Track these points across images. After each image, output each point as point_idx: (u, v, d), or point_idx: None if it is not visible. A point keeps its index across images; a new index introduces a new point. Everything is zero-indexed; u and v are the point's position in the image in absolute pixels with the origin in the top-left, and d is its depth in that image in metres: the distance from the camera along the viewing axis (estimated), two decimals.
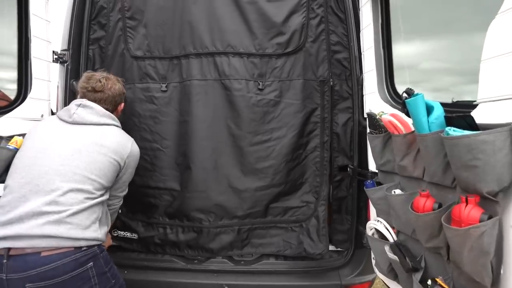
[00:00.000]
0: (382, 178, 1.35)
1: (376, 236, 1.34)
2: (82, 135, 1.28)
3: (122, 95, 1.50)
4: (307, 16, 1.76)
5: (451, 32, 1.32)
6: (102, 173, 1.24)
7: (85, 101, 1.35)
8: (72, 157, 1.20)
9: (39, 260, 1.01)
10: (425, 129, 0.94)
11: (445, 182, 0.94)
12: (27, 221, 1.06)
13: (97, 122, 1.33)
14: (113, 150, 1.29)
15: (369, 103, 1.51)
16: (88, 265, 1.09)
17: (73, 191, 1.15)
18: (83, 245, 1.09)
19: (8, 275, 1.00)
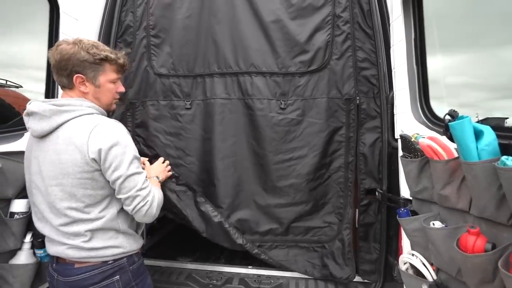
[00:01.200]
0: (418, 207, 1.22)
1: (410, 272, 1.19)
2: (46, 156, 1.09)
3: (71, 60, 1.07)
4: (332, 33, 1.71)
5: (477, 46, 1.26)
6: (79, 195, 1.08)
7: (31, 105, 1.09)
8: (49, 190, 1.09)
9: (73, 271, 1.11)
10: (473, 156, 0.83)
11: (499, 218, 0.81)
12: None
13: (51, 128, 1.07)
14: (72, 161, 1.05)
15: (401, 123, 1.40)
16: (114, 278, 1.13)
17: (69, 224, 1.10)
18: (109, 260, 1.13)
19: (57, 276, 1.14)
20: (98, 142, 1.04)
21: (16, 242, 1.29)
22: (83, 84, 1.12)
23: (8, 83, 1.48)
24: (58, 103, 1.09)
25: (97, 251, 1.11)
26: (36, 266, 1.33)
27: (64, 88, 1.15)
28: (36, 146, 1.12)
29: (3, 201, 1.27)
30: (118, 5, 1.89)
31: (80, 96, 1.13)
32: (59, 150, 1.06)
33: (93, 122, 1.07)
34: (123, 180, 1.07)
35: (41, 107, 1.06)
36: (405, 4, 1.32)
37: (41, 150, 1.10)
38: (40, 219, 1.15)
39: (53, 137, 1.08)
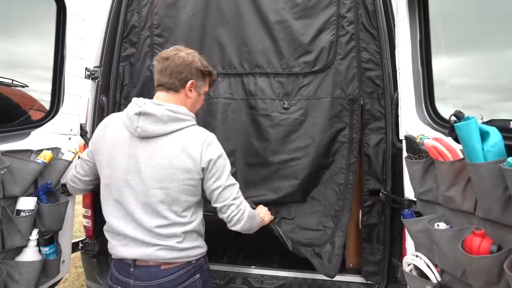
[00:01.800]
0: (422, 208, 1.22)
1: (414, 273, 1.19)
2: (152, 158, 1.10)
3: (190, 67, 1.16)
4: (336, 33, 1.71)
5: (480, 47, 1.25)
6: (181, 200, 1.12)
7: (146, 105, 1.11)
8: (150, 192, 1.11)
9: (160, 272, 1.11)
10: (479, 157, 0.82)
11: (505, 220, 0.81)
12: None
13: (164, 132, 1.10)
14: (183, 168, 1.10)
15: (406, 124, 1.40)
16: (196, 277, 1.17)
17: (167, 226, 1.13)
18: (193, 260, 1.17)
19: (134, 281, 1.12)
20: (210, 153, 1.11)
21: (22, 239, 1.30)
22: (191, 89, 1.19)
23: (14, 83, 1.50)
24: (173, 109, 1.12)
25: (186, 251, 1.14)
26: (41, 264, 1.34)
27: (168, 90, 1.17)
28: (135, 145, 1.11)
29: (9, 198, 1.28)
30: (124, 5, 1.90)
31: (182, 100, 1.19)
32: (171, 156, 1.09)
33: (203, 134, 1.15)
34: (222, 189, 1.14)
35: (159, 111, 1.09)
36: (410, 5, 1.32)
37: (144, 151, 1.11)
38: (124, 217, 1.13)
39: (162, 141, 1.10)
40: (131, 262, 1.13)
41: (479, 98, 1.41)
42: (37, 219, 1.37)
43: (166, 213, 1.11)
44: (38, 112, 1.56)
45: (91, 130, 1.85)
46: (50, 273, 1.43)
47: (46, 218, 1.39)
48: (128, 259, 1.13)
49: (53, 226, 1.42)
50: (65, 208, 1.48)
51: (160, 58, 1.18)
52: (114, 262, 1.20)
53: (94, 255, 1.82)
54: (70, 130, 1.60)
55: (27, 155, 1.35)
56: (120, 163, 1.12)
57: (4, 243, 1.25)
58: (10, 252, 1.29)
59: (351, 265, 1.84)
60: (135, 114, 1.10)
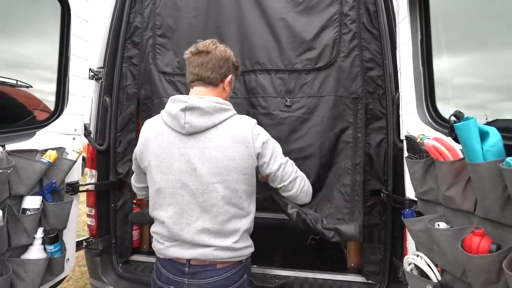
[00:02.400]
0: (423, 208, 1.22)
1: (415, 273, 1.19)
2: (205, 153, 1.09)
3: (229, 62, 1.18)
4: (339, 31, 1.69)
5: (484, 46, 1.23)
6: (240, 191, 1.14)
7: (191, 99, 1.09)
8: (210, 187, 1.11)
9: (215, 271, 1.12)
10: (479, 157, 0.83)
11: (505, 219, 0.81)
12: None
13: (212, 124, 1.10)
14: (240, 158, 1.10)
15: (407, 124, 1.40)
16: (244, 277, 1.19)
17: (226, 221, 1.14)
18: (243, 259, 1.19)
19: (189, 280, 1.12)
20: (260, 137, 1.13)
21: (28, 238, 1.32)
22: (229, 84, 1.21)
23: (18, 83, 1.52)
24: (217, 100, 1.11)
25: (240, 250, 1.15)
26: (47, 262, 1.37)
27: (207, 84, 1.15)
28: (183, 143, 1.10)
29: (15, 197, 1.30)
30: (127, 6, 1.92)
31: (219, 94, 1.18)
32: (224, 147, 1.08)
33: (248, 120, 1.17)
34: (284, 166, 1.19)
35: (205, 103, 1.08)
36: (411, 6, 1.32)
37: (195, 147, 1.09)
38: (180, 220, 1.12)
39: (212, 134, 1.09)
40: (185, 262, 1.12)
41: (483, 98, 1.40)
42: (42, 218, 1.39)
43: (226, 207, 1.10)
44: (42, 112, 1.58)
45: (95, 130, 1.87)
46: (55, 271, 1.45)
47: (51, 217, 1.41)
48: (182, 259, 1.13)
49: (58, 225, 1.45)
50: (69, 207, 1.50)
51: (198, 51, 1.14)
52: (162, 262, 1.18)
53: (98, 254, 1.85)
54: (74, 130, 1.63)
55: (32, 154, 1.38)
56: (171, 165, 1.11)
57: (10, 241, 1.27)
58: (16, 250, 1.32)
59: (352, 264, 1.85)
60: (180, 110, 1.08)
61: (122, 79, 1.95)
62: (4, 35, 1.47)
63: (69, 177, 1.54)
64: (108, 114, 1.89)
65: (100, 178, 1.88)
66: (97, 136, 1.87)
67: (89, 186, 1.81)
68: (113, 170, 1.91)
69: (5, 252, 1.24)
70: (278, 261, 2.03)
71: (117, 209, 1.93)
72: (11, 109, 1.51)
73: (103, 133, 1.89)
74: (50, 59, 1.57)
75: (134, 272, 1.88)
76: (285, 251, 2.23)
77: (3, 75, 1.42)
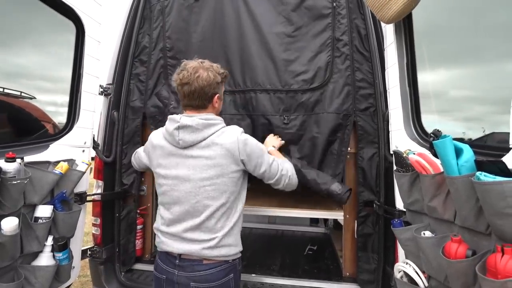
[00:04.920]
0: (411, 218, 1.31)
1: (405, 280, 1.27)
2: (198, 162, 1.27)
3: (212, 84, 1.30)
4: (332, 54, 1.84)
5: (479, 59, 1.31)
6: (228, 192, 1.29)
7: (182, 119, 1.27)
8: (201, 190, 1.28)
9: (201, 266, 1.26)
10: (454, 171, 0.93)
11: (479, 228, 0.90)
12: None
13: (202, 138, 1.27)
14: (226, 163, 1.27)
15: (395, 140, 1.51)
16: (230, 276, 1.30)
17: (210, 219, 1.28)
18: (229, 259, 1.30)
19: (179, 272, 1.27)
20: (246, 146, 1.28)
21: (39, 245, 1.40)
22: (217, 101, 1.35)
23: (22, 94, 1.60)
24: (204, 117, 1.29)
25: (225, 249, 1.27)
26: (55, 268, 1.43)
27: (198, 109, 1.32)
28: (180, 154, 1.29)
29: (29, 206, 1.38)
30: (136, 27, 2.06)
31: (209, 111, 1.34)
32: (214, 155, 1.26)
33: (234, 131, 1.31)
34: (269, 169, 1.34)
35: (194, 121, 1.26)
36: (397, 32, 1.45)
37: (189, 157, 1.28)
38: (176, 218, 1.29)
39: (202, 146, 1.27)
40: (176, 256, 1.28)
41: (480, 111, 1.47)
42: (52, 226, 1.46)
43: (215, 207, 1.26)
44: (50, 124, 1.68)
45: (103, 142, 1.97)
46: (62, 278, 1.51)
47: (60, 225, 1.49)
48: (174, 253, 1.29)
49: (67, 233, 1.52)
50: (77, 216, 1.58)
51: (182, 83, 1.29)
52: (159, 254, 1.36)
53: (102, 262, 1.90)
54: (84, 143, 1.72)
55: (45, 166, 1.47)
56: (170, 172, 1.31)
57: (23, 248, 1.34)
58: (27, 257, 1.39)
59: (348, 273, 1.91)
60: (174, 129, 1.28)
61: (129, 94, 2.07)
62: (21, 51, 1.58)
63: (77, 187, 1.62)
64: (115, 127, 2.00)
65: (106, 188, 1.96)
66: (104, 148, 1.97)
67: (95, 196, 1.89)
68: (119, 181, 2.00)
69: (18, 259, 1.31)
70: (276, 270, 2.09)
71: (122, 219, 2.00)
72: (27, 123, 1.61)
73: (110, 146, 1.99)
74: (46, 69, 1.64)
75: (137, 280, 1.93)
76: (283, 260, 2.29)
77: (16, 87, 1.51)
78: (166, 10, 2.07)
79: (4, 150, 1.28)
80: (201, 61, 1.33)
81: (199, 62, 1.32)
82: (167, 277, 1.29)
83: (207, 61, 1.35)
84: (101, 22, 1.76)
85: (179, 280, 1.26)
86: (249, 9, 1.93)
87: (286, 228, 3.16)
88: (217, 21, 1.98)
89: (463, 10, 1.30)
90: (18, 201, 1.27)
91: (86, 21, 1.67)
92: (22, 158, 1.29)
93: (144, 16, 2.11)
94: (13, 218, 1.20)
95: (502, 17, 1.13)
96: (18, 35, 1.55)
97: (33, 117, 1.62)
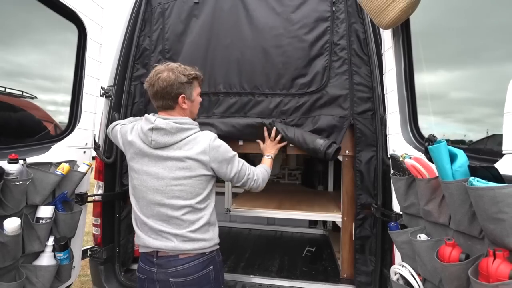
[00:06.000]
0: (407, 221, 1.33)
1: (401, 282, 1.28)
2: (167, 162, 1.32)
3: (174, 84, 1.31)
4: (329, 59, 1.86)
5: (479, 61, 1.32)
6: (195, 193, 1.32)
7: (157, 121, 1.30)
8: (168, 189, 1.32)
9: (178, 261, 1.30)
10: (449, 176, 0.94)
11: (472, 232, 0.92)
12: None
13: (174, 141, 1.31)
14: (196, 167, 1.31)
15: (393, 143, 1.52)
16: (209, 268, 1.33)
17: (183, 215, 1.32)
18: (206, 251, 1.33)
19: (157, 270, 1.31)
20: (216, 152, 1.33)
21: (40, 245, 1.41)
22: (184, 102, 1.36)
23: (24, 94, 1.61)
24: (178, 121, 1.32)
25: (199, 242, 1.30)
26: (56, 268, 1.45)
27: (166, 110, 1.36)
28: (152, 152, 1.33)
29: (31, 207, 1.40)
30: (137, 30, 2.08)
31: (180, 113, 1.38)
32: (183, 158, 1.30)
33: (207, 137, 1.34)
34: (237, 175, 1.40)
35: (168, 125, 1.29)
36: (395, 37, 1.47)
37: (160, 157, 1.32)
38: (147, 213, 1.34)
39: (174, 148, 1.31)
40: (154, 254, 1.33)
41: (481, 112, 1.48)
42: (53, 227, 1.48)
43: (181, 205, 1.30)
44: (52, 125, 1.69)
45: (103, 143, 1.99)
46: (63, 277, 1.53)
47: (61, 226, 1.50)
48: (152, 252, 1.34)
49: (67, 233, 1.54)
50: (78, 217, 1.60)
51: (148, 86, 1.35)
52: (140, 256, 1.41)
53: (102, 262, 1.92)
54: (85, 144, 1.74)
55: (47, 167, 1.48)
56: (141, 168, 1.35)
57: (25, 248, 1.36)
58: (28, 257, 1.40)
59: (345, 275, 1.93)
60: (148, 130, 1.31)
61: (130, 96, 2.09)
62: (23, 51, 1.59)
63: (78, 188, 1.64)
64: None
65: (106, 189, 1.98)
66: (105, 149, 1.99)
67: (96, 197, 1.91)
68: (119, 182, 2.02)
69: (20, 258, 1.33)
70: (274, 272, 2.11)
71: (122, 219, 2.02)
72: (29, 124, 1.63)
73: (111, 147, 2.01)
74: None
75: (136, 280, 1.94)
76: (281, 262, 2.31)
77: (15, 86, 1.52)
78: (166, 13, 2.09)
79: (6, 151, 1.30)
80: (167, 64, 1.37)
81: (165, 65, 1.36)
82: (147, 276, 1.34)
83: (178, 64, 1.38)
84: (103, 24, 1.78)
85: (159, 277, 1.30)
86: (248, 12, 1.95)
87: (284, 230, 3.18)
88: (215, 24, 2.00)
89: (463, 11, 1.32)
90: (21, 202, 1.29)
91: (88, 24, 1.69)
92: (25, 160, 1.31)
93: (145, 19, 2.13)
94: (15, 219, 1.22)
95: (502, 18, 1.14)
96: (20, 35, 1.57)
97: (35, 118, 1.64)
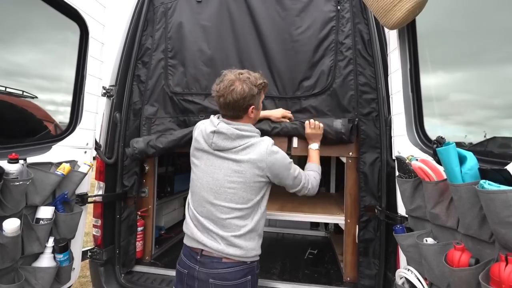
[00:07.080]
0: (413, 224, 1.30)
1: (406, 286, 1.26)
2: (224, 164, 1.34)
3: (247, 97, 1.33)
4: (335, 59, 1.84)
5: (480, 63, 1.30)
6: (246, 198, 1.33)
7: (219, 125, 1.33)
8: (221, 190, 1.33)
9: (220, 264, 1.30)
10: (458, 179, 0.92)
11: (482, 236, 0.90)
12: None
13: (233, 147, 1.33)
14: (250, 172, 1.32)
15: (398, 145, 1.50)
16: (248, 278, 1.33)
17: (233, 219, 1.32)
18: (248, 261, 1.34)
19: (199, 268, 1.32)
20: (272, 160, 1.33)
21: (40, 246, 1.39)
22: (252, 112, 1.39)
23: (24, 94, 1.59)
24: (240, 128, 1.34)
25: (243, 250, 1.30)
26: (56, 270, 1.43)
27: (233, 118, 1.38)
28: (212, 153, 1.36)
29: (30, 207, 1.38)
30: (140, 30, 2.07)
31: (245, 120, 1.40)
32: (240, 163, 1.31)
33: (263, 144, 1.34)
34: (292, 183, 1.42)
35: (229, 130, 1.32)
36: (400, 38, 1.45)
37: (218, 159, 1.35)
38: (201, 213, 1.36)
39: (231, 152, 1.33)
40: (198, 252, 1.34)
41: (481, 115, 1.47)
42: (53, 228, 1.46)
43: (232, 208, 1.31)
44: (52, 125, 1.67)
45: (105, 143, 1.97)
46: (62, 279, 1.51)
47: (61, 227, 1.48)
48: (197, 248, 1.34)
49: (68, 235, 1.52)
50: (79, 218, 1.58)
51: (218, 95, 1.35)
52: (183, 250, 1.44)
53: (102, 264, 1.90)
54: (86, 144, 1.72)
55: (47, 167, 1.47)
56: (200, 165, 1.40)
57: (24, 249, 1.34)
58: (28, 258, 1.38)
59: (348, 278, 1.90)
60: (210, 132, 1.35)
61: (131, 95, 2.07)
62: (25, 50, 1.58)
63: (78, 188, 1.62)
64: (117, 129, 2.00)
65: (107, 190, 1.96)
66: (106, 150, 1.97)
67: (96, 198, 1.89)
68: (120, 183, 2.00)
69: (19, 260, 1.30)
70: (276, 274, 2.09)
71: (122, 220, 2.00)
72: (30, 124, 1.61)
73: (112, 147, 1.99)
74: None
75: (137, 282, 1.93)
76: (284, 265, 2.28)
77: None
78: (169, 12, 2.08)
79: (7, 151, 1.28)
80: (239, 73, 1.35)
81: (236, 74, 1.35)
82: (188, 272, 1.34)
83: (246, 71, 1.38)
84: (105, 24, 1.77)
85: (199, 276, 1.30)
86: (252, 12, 1.94)
87: (286, 232, 3.15)
88: (219, 24, 1.98)
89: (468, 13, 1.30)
90: (20, 202, 1.27)
91: (90, 23, 1.67)
92: (25, 159, 1.29)
93: (148, 19, 2.12)
94: (15, 220, 1.20)
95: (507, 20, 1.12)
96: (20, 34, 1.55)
97: (36, 118, 1.62)
